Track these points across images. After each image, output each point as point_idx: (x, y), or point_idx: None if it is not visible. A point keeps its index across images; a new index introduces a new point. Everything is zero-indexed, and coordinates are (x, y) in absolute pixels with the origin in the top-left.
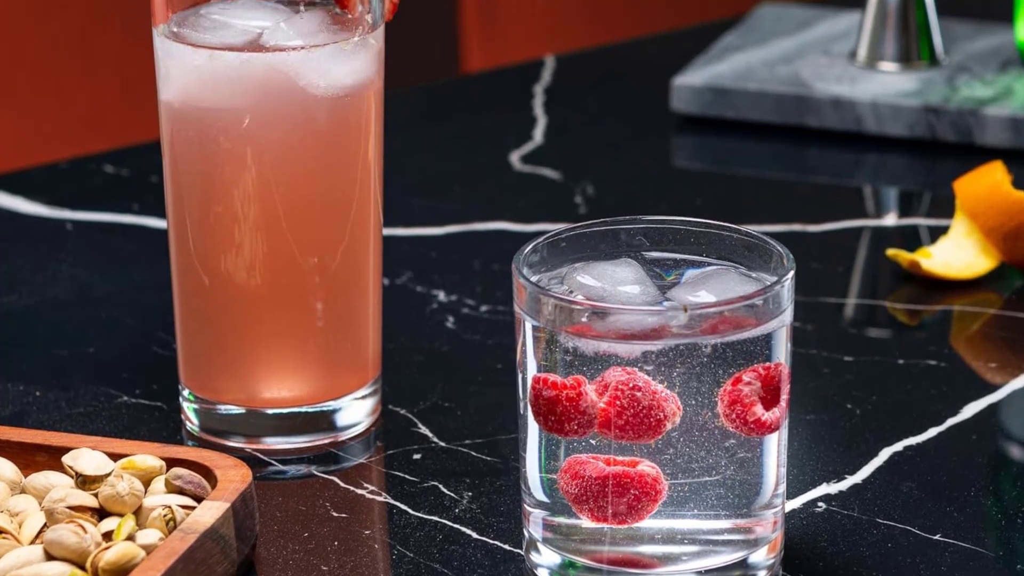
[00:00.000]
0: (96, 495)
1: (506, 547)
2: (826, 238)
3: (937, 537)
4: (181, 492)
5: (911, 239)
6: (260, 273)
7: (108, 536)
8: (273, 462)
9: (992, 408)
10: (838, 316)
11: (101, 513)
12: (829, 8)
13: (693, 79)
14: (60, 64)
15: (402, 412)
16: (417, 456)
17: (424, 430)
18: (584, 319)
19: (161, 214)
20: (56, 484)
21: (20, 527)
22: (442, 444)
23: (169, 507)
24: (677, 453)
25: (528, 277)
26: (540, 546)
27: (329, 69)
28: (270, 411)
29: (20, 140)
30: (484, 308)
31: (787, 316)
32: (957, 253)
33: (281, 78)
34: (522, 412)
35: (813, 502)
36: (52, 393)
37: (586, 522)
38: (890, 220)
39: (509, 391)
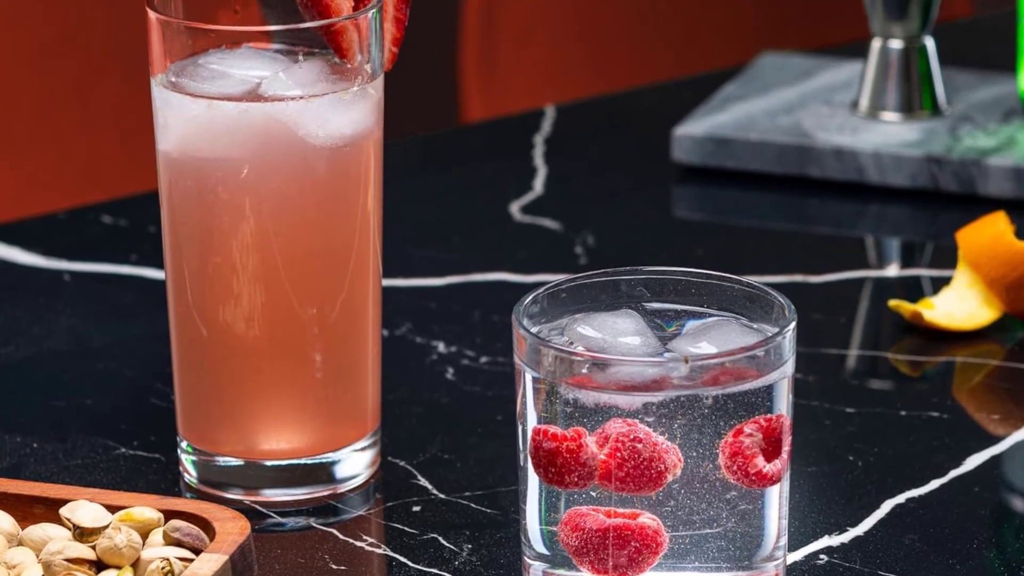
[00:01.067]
0: (94, 547)
1: None
2: (828, 289)
3: None
4: (179, 544)
5: (913, 290)
6: (259, 324)
7: None
8: (272, 514)
9: (995, 460)
10: (840, 367)
11: (99, 565)
12: (831, 58)
13: (694, 129)
14: (57, 114)
15: (401, 464)
16: (417, 508)
17: (424, 482)
18: (585, 370)
19: (159, 265)
20: (54, 536)
21: None
22: (442, 496)
23: (167, 559)
24: (678, 505)
25: (528, 328)
26: None
27: (328, 119)
28: (269, 463)
29: (17, 190)
30: (484, 359)
31: (788, 367)
32: (960, 304)
33: (280, 128)
34: (522, 464)
35: (815, 554)
36: (49, 445)
37: (587, 575)
38: (892, 271)
39: (509, 443)
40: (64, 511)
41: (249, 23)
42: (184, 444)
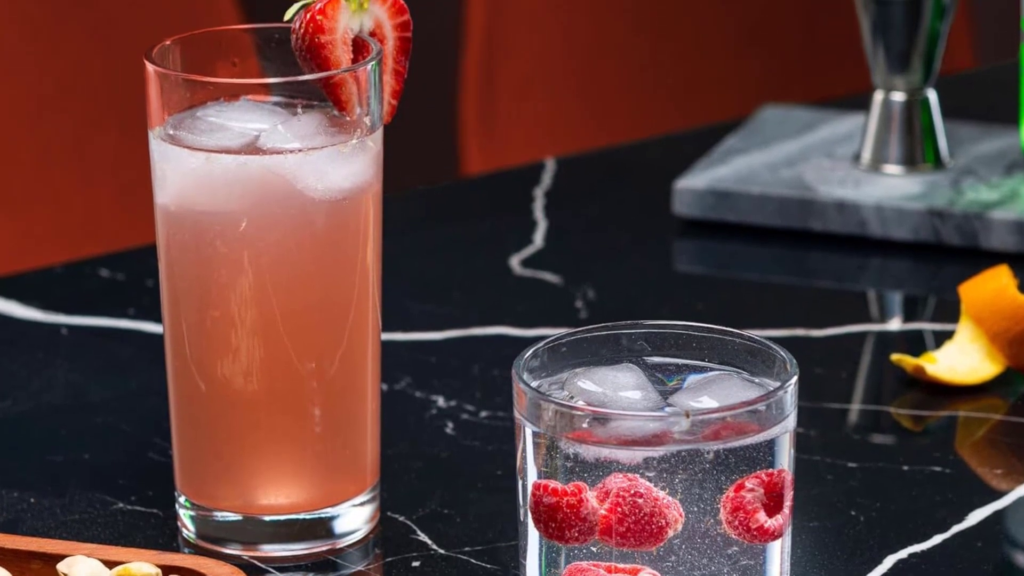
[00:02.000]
0: None
1: None
2: (830, 343)
3: None
4: None
5: (916, 344)
6: (257, 378)
7: None
8: (271, 569)
9: (998, 515)
10: (842, 422)
11: None
12: (833, 111)
13: (695, 182)
14: (55, 167)
15: (401, 519)
16: (416, 563)
17: (423, 537)
18: (585, 425)
19: (157, 319)
20: None
21: None
22: (441, 551)
23: None
24: (679, 560)
25: (528, 382)
26: None
27: (327, 172)
28: (267, 518)
29: (15, 243)
30: (484, 414)
31: (790, 422)
32: (962, 358)
33: (278, 181)
34: (522, 519)
35: None
36: (47, 500)
37: None
38: (894, 325)
39: (509, 498)
40: (61, 566)
41: (248, 75)
42: (182, 499)
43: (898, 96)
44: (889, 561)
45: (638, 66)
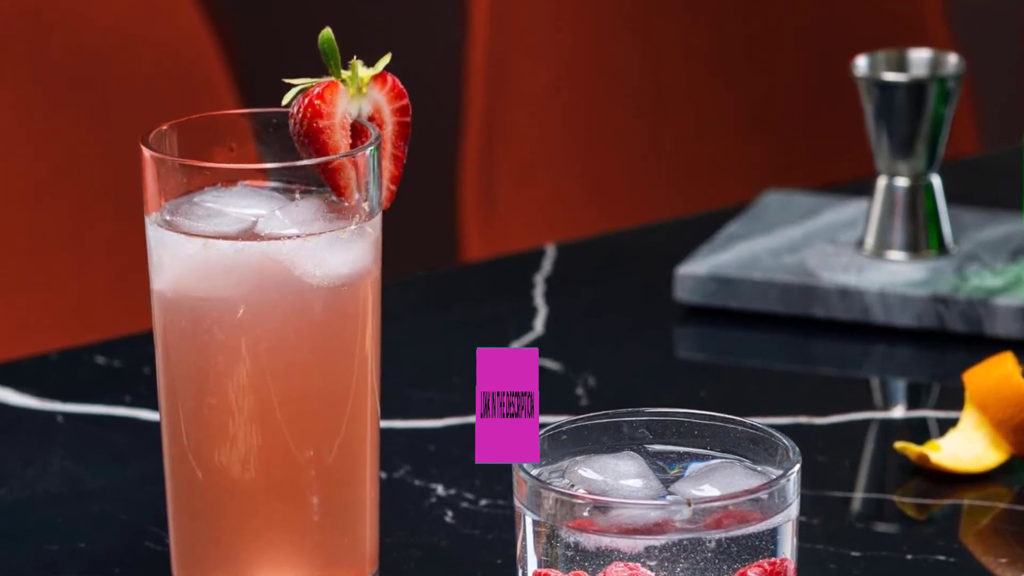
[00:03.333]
0: None
1: None
2: (833, 431)
3: None
4: None
5: (919, 431)
6: (255, 466)
7: None
8: None
9: None
10: (845, 510)
11: None
12: (836, 196)
13: (697, 268)
14: (50, 253)
15: None
16: None
17: None
18: (586, 513)
19: (153, 406)
20: None
21: None
22: None
23: None
24: None
25: (528, 471)
26: None
27: (325, 258)
28: None
29: (9, 330)
30: (484, 502)
31: (793, 510)
32: (966, 446)
33: (276, 267)
34: None
35: None
36: None
37: None
38: (898, 412)
39: None
40: None
41: (245, 161)
42: None
43: (902, 181)
44: None
45: (639, 151)
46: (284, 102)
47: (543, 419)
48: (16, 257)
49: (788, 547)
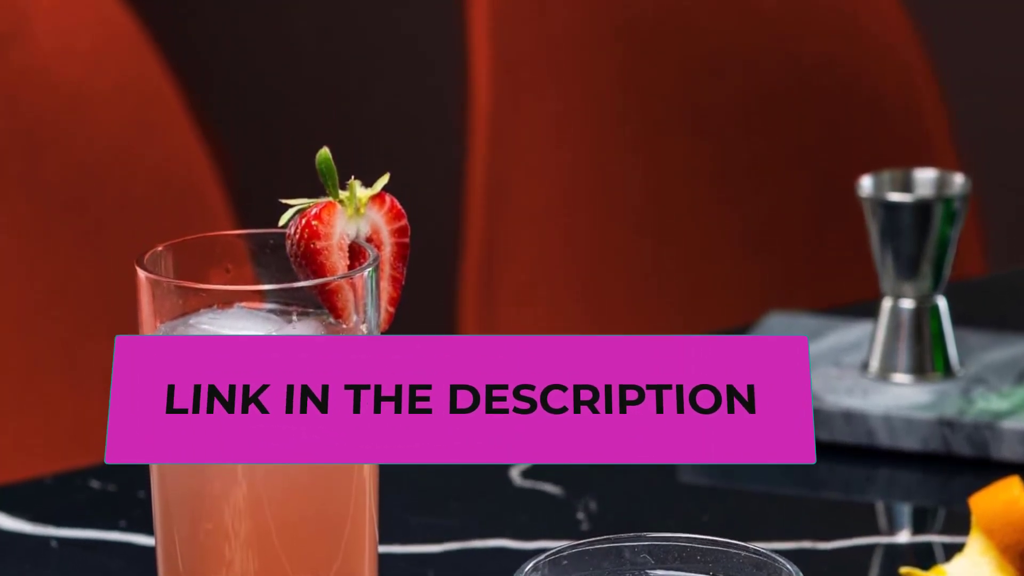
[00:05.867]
0: None
1: None
2: (837, 556)
3: None
4: None
5: (925, 557)
6: None
7: None
8: None
9: None
10: None
11: None
12: (840, 318)
13: None
14: (44, 376)
15: None
16: None
17: None
18: None
19: (148, 531)
20: None
21: None
22: None
23: None
24: None
25: None
26: None
27: None
28: None
29: (3, 454)
30: None
31: None
32: (973, 571)
33: None
34: None
35: None
36: None
37: None
38: (903, 537)
39: None
40: None
41: (241, 282)
42: None
43: (907, 303)
44: None
45: (640, 271)
46: (281, 222)
47: (545, 543)
48: (10, 379)
49: None
